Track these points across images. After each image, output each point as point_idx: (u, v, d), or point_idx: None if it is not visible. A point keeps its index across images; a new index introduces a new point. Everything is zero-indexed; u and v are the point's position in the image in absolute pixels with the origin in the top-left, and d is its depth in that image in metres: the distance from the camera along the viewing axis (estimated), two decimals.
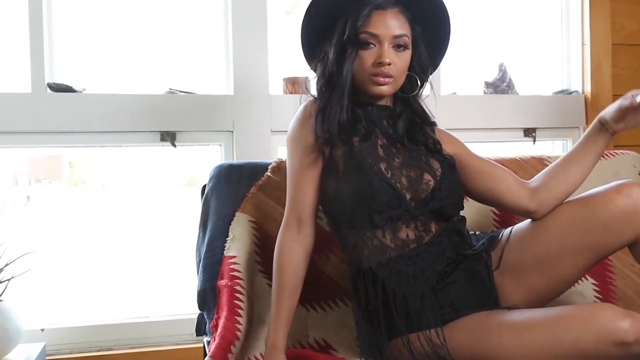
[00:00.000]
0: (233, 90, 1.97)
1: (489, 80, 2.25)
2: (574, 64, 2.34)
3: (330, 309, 1.50)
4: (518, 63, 2.35)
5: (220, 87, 2.04)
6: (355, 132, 1.31)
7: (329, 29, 1.31)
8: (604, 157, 1.84)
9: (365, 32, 1.27)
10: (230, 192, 1.56)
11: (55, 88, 1.85)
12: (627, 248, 1.28)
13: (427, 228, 1.28)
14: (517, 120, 2.24)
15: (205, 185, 1.60)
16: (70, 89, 1.86)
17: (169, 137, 1.93)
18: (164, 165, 2.36)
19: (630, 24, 2.32)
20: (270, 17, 2.02)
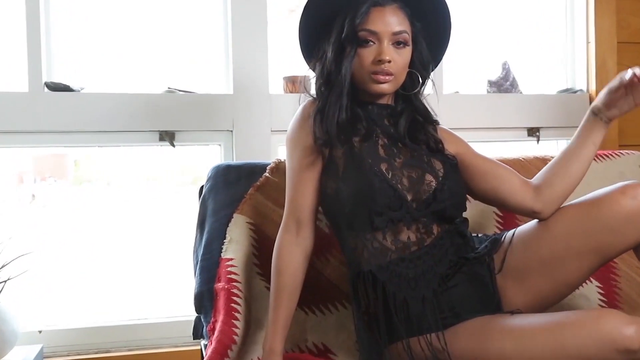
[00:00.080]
0: (232, 90, 1.95)
1: (493, 79, 2.22)
2: (579, 63, 2.31)
3: (330, 312, 1.48)
4: (522, 61, 2.33)
5: (220, 86, 2.02)
6: (355, 132, 1.28)
7: (328, 27, 1.29)
8: (609, 157, 1.82)
9: (364, 29, 1.24)
10: (228, 193, 1.54)
11: (53, 87, 1.84)
12: (632, 250, 1.26)
13: (428, 230, 1.26)
14: (520, 120, 2.22)
15: (203, 186, 1.59)
16: (68, 88, 1.84)
17: (168, 136, 1.91)
18: (165, 165, 2.35)
19: (636, 22, 2.29)
20: (274, 15, 2.01)
